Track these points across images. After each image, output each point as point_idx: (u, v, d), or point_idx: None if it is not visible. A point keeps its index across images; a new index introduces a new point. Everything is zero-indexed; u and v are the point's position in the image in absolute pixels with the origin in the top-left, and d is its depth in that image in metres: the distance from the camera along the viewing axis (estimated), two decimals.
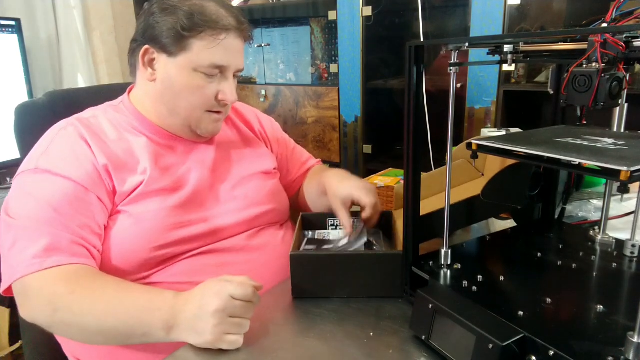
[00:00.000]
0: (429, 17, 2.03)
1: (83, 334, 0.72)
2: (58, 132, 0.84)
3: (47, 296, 0.70)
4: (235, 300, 0.65)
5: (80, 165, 0.79)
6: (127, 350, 0.79)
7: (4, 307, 1.49)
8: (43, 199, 0.76)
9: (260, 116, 1.13)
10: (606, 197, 0.78)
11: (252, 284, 0.68)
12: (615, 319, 0.57)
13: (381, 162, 2.24)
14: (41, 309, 0.70)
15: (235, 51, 0.87)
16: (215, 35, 0.83)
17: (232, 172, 0.96)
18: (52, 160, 0.79)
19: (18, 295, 0.73)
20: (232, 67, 0.87)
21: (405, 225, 0.72)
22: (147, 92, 0.90)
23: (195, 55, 0.83)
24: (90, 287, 0.71)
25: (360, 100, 2.24)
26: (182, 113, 0.87)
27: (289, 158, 1.13)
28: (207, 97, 0.86)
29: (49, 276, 0.71)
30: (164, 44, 0.83)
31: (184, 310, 0.66)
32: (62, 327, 0.73)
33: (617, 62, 0.56)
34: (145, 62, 0.87)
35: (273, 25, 2.49)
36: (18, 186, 0.80)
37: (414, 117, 0.67)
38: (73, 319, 0.70)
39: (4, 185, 1.68)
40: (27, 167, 0.80)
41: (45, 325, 0.72)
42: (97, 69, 2.53)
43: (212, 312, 0.64)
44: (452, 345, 0.59)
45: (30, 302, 0.71)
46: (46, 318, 0.71)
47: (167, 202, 0.83)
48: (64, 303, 0.69)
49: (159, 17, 0.84)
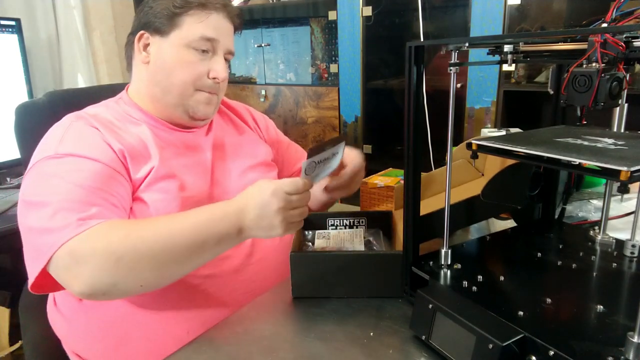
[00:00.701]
0: (429, 17, 2.03)
1: (155, 272, 0.69)
2: (70, 125, 0.83)
3: (103, 250, 0.66)
4: (291, 194, 0.70)
5: (102, 150, 0.79)
6: (127, 349, 0.79)
7: (4, 307, 1.49)
8: (73, 177, 0.73)
9: (254, 113, 1.14)
10: (606, 197, 0.78)
11: (300, 178, 0.72)
12: (615, 319, 0.57)
13: (381, 162, 2.24)
14: (101, 265, 0.66)
15: (224, 30, 0.91)
16: (205, 10, 0.88)
17: (236, 163, 0.97)
18: (72, 146, 0.78)
19: (66, 265, 0.67)
20: (222, 43, 0.90)
21: (405, 225, 0.72)
22: (141, 78, 0.92)
23: (186, 30, 0.87)
24: (143, 224, 0.71)
25: (360, 100, 2.24)
26: (173, 90, 0.89)
27: (284, 154, 1.14)
28: (198, 73, 0.89)
29: (95, 234, 0.67)
30: (157, 26, 0.88)
31: (248, 212, 0.71)
32: (130, 275, 0.68)
33: (617, 62, 0.56)
34: (140, 46, 0.90)
35: (273, 25, 2.49)
36: (37, 173, 0.76)
37: (414, 117, 0.67)
38: (140, 259, 0.67)
39: (4, 185, 1.67)
40: (45, 155, 0.77)
41: (111, 282, 0.67)
42: (97, 69, 2.53)
43: (276, 210, 0.70)
44: (452, 345, 0.59)
45: (86, 266, 0.66)
46: (110, 273, 0.66)
47: (178, 193, 0.84)
48: (125, 247, 0.67)
49: (152, 4, 0.89)
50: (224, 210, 0.72)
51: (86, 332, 0.82)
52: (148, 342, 0.79)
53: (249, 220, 0.71)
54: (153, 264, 0.68)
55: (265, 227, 0.71)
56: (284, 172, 1.13)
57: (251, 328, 0.72)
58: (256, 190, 0.72)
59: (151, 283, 0.71)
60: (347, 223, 0.95)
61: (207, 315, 0.81)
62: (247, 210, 0.71)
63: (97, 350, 0.81)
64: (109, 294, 0.69)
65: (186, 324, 0.80)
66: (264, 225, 0.71)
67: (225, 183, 0.93)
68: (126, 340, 0.80)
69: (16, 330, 1.21)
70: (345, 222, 0.95)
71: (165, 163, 0.85)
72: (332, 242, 0.89)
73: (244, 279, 0.86)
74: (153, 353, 0.77)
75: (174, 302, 0.80)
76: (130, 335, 0.80)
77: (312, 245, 0.90)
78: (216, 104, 0.94)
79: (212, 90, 0.91)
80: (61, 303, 0.86)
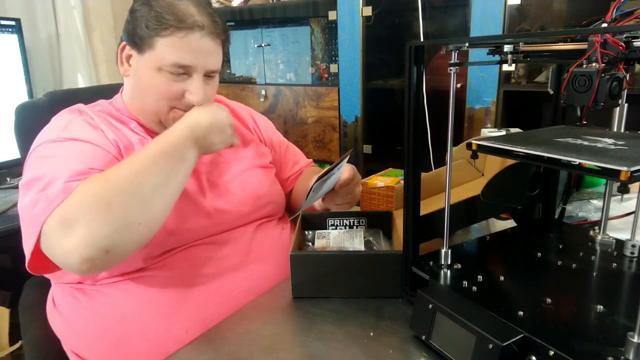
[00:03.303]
0: (429, 17, 2.02)
1: (144, 201, 0.70)
2: (73, 117, 0.86)
3: (91, 202, 0.66)
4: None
5: (102, 138, 0.82)
6: (126, 349, 0.79)
7: (4, 307, 1.49)
8: (71, 155, 0.75)
9: (255, 115, 1.14)
10: (606, 197, 0.78)
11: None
12: (615, 319, 0.57)
13: (381, 162, 2.24)
14: (95, 216, 0.65)
15: (203, 51, 0.85)
16: (178, 34, 0.82)
17: (231, 167, 0.97)
18: (74, 132, 0.81)
19: (58, 237, 0.65)
20: (199, 66, 0.85)
21: (405, 225, 0.72)
22: (126, 86, 0.93)
23: (159, 53, 0.83)
24: (116, 167, 0.72)
25: (360, 100, 2.24)
26: (150, 109, 0.88)
27: (282, 157, 1.14)
28: (172, 94, 0.85)
29: (76, 193, 0.67)
30: (135, 41, 0.85)
31: (198, 126, 0.79)
32: (126, 218, 0.67)
33: (617, 62, 0.56)
34: (123, 58, 0.89)
35: (273, 25, 2.49)
36: (37, 156, 0.77)
37: (414, 117, 0.67)
38: (128, 196, 0.68)
39: (4, 185, 1.67)
40: (47, 139, 0.79)
41: (109, 231, 0.65)
42: (97, 69, 2.53)
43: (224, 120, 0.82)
44: (452, 345, 0.59)
45: (79, 224, 0.64)
46: (106, 220, 0.65)
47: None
48: (109, 191, 0.67)
49: (134, 15, 0.86)
50: (178, 131, 0.78)
51: (86, 332, 0.82)
52: (148, 341, 0.79)
53: (201, 131, 0.79)
54: (140, 195, 0.69)
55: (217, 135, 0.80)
56: (282, 173, 1.13)
57: (251, 328, 0.72)
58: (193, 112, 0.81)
59: (147, 215, 0.70)
60: (347, 223, 0.95)
61: (207, 314, 0.81)
62: (198, 126, 0.79)
63: (97, 350, 0.81)
64: (112, 251, 0.66)
65: (186, 323, 0.80)
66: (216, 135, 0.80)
67: (219, 185, 0.93)
68: (126, 340, 0.80)
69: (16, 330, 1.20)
70: (345, 222, 0.95)
71: None
72: (332, 242, 0.89)
73: (243, 277, 0.86)
74: (153, 353, 0.77)
75: (174, 301, 0.80)
76: (130, 335, 0.80)
77: (312, 245, 0.90)
78: None
79: (189, 109, 0.86)
80: (61, 303, 0.86)
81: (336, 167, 0.77)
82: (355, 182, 0.92)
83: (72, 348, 0.85)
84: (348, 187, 0.90)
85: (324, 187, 0.82)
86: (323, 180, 0.74)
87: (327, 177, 0.76)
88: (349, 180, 0.89)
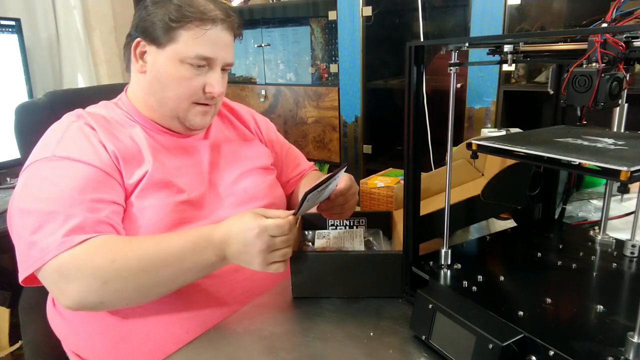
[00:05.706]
0: (429, 17, 2.03)
1: (140, 294, 0.73)
2: (69, 125, 0.84)
3: (90, 273, 0.69)
4: (275, 237, 0.70)
5: (97, 154, 0.81)
6: (126, 348, 0.79)
7: (4, 307, 1.49)
8: (65, 183, 0.75)
9: (256, 116, 1.14)
10: (606, 197, 0.78)
11: (287, 219, 0.71)
12: (615, 319, 0.57)
13: (381, 162, 2.24)
14: (88, 287, 0.69)
15: (222, 44, 0.88)
16: (202, 26, 0.85)
17: (231, 168, 0.97)
18: (70, 148, 0.80)
19: (54, 281, 0.70)
20: (219, 59, 0.88)
21: (405, 225, 0.72)
22: (139, 84, 0.91)
23: (182, 46, 0.84)
24: (129, 249, 0.71)
25: (360, 100, 2.24)
26: (169, 104, 0.88)
27: (283, 159, 1.14)
28: (193, 88, 0.87)
29: (82, 252, 0.69)
30: (154, 36, 0.85)
31: (231, 245, 0.72)
32: (116, 297, 0.71)
33: (617, 62, 0.56)
34: (137, 54, 0.88)
35: (273, 25, 2.49)
36: (33, 174, 0.78)
37: (414, 117, 0.67)
38: (126, 284, 0.70)
39: (4, 185, 1.67)
40: (43, 155, 0.79)
41: (98, 300, 0.70)
42: (97, 69, 2.53)
43: (257, 252, 0.70)
44: (452, 345, 0.59)
45: (73, 284, 0.69)
46: (97, 294, 0.69)
47: (171, 198, 0.84)
48: (111, 273, 0.69)
49: (150, 10, 0.86)
50: (208, 240, 0.72)
51: (86, 332, 0.82)
52: (148, 341, 0.79)
53: (232, 252, 0.72)
54: (138, 288, 0.72)
55: (246, 261, 0.72)
56: (283, 175, 1.13)
57: (251, 328, 0.72)
58: (241, 226, 0.71)
59: (137, 302, 0.76)
60: (347, 223, 0.95)
61: (207, 314, 0.81)
62: (230, 243, 0.72)
63: (97, 350, 0.81)
64: (95, 310, 0.75)
65: (186, 323, 0.80)
66: (245, 259, 0.72)
67: (219, 187, 0.93)
68: (126, 340, 0.80)
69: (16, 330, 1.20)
70: (345, 222, 0.95)
71: (159, 168, 0.84)
72: (332, 242, 0.89)
73: (243, 278, 0.86)
74: (153, 353, 0.78)
75: (174, 301, 0.80)
76: (129, 335, 0.80)
77: (312, 245, 0.90)
78: (213, 113, 0.94)
79: (208, 103, 0.90)
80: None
81: (332, 178, 0.77)
82: (352, 192, 0.90)
83: (72, 348, 0.85)
84: (344, 197, 0.88)
85: (320, 198, 0.82)
86: (318, 191, 0.74)
87: (322, 188, 0.75)
88: (345, 190, 0.87)
